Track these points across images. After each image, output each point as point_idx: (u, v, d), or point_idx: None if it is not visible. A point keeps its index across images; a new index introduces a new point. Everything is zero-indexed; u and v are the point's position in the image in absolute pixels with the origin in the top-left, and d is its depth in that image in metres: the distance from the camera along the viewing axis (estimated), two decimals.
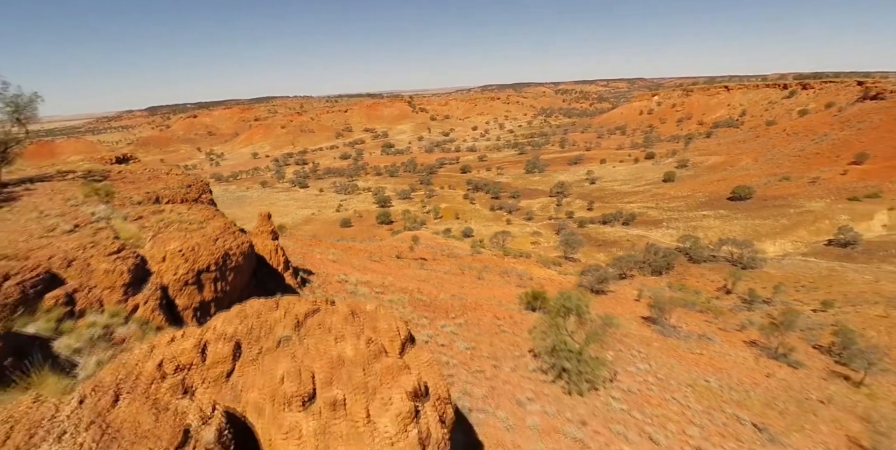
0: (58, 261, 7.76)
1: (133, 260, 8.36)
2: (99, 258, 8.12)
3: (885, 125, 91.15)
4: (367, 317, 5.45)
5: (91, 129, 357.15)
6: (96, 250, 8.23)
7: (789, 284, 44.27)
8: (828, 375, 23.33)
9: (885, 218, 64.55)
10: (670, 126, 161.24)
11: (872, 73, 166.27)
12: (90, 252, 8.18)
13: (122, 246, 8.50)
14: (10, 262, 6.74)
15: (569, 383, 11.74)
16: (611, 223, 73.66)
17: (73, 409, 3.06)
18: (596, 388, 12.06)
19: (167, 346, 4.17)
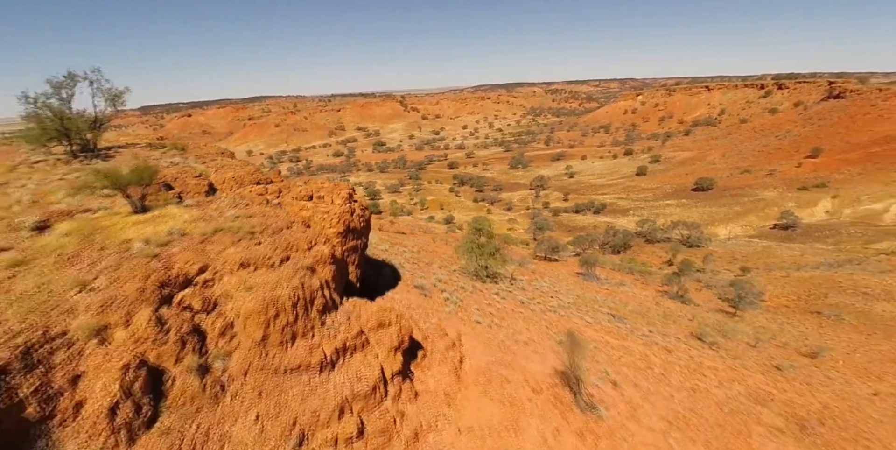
0: (170, 179, 14.30)
1: (207, 180, 14.91)
2: (189, 178, 14.61)
3: (841, 122, 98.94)
4: (335, 187, 12.10)
5: None
6: (187, 175, 14.70)
7: (725, 259, 51.39)
8: (711, 309, 30.33)
9: (828, 205, 71.93)
10: (652, 125, 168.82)
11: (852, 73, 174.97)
12: (184, 175, 14.67)
13: (200, 174, 15.03)
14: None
15: (477, 275, 18.41)
16: (583, 212, 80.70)
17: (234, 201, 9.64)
18: (496, 281, 18.74)
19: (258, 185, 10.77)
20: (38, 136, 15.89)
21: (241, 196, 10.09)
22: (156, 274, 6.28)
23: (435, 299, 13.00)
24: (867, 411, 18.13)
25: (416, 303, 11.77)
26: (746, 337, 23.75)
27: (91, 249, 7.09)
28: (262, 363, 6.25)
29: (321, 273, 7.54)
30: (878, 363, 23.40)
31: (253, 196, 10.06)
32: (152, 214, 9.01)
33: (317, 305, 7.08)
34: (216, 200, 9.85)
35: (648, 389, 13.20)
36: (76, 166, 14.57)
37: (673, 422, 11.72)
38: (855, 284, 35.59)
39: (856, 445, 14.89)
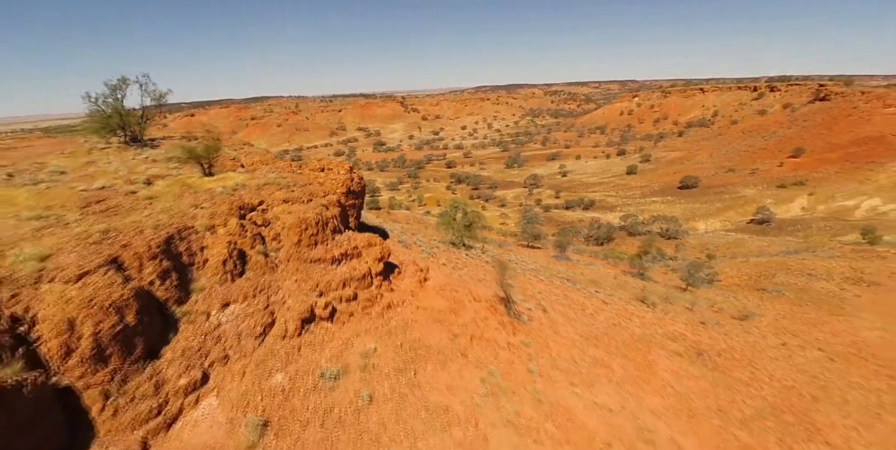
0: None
1: (239, 162, 19.39)
2: (226, 160, 19.09)
3: (824, 123, 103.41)
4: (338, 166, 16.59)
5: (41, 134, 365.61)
6: (224, 157, 19.18)
7: (697, 248, 55.78)
8: (667, 286, 34.70)
9: (804, 202, 76.30)
10: (647, 126, 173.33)
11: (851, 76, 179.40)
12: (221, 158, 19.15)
13: (234, 157, 19.52)
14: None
15: (454, 243, 22.88)
16: (573, 209, 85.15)
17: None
18: (469, 248, 23.19)
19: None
20: (100, 128, 20.36)
21: (275, 167, 14.50)
22: (236, 202, 10.75)
23: (413, 250, 17.42)
24: (767, 353, 22.58)
25: (397, 250, 16.18)
26: (686, 302, 28.15)
27: (189, 193, 11.53)
28: (297, 255, 10.71)
29: (332, 210, 11.98)
30: (800, 326, 27.79)
31: (283, 167, 14.47)
32: (218, 176, 13.44)
33: (329, 227, 11.53)
34: (258, 169, 14.26)
35: (574, 318, 17.57)
36: (137, 151, 19.06)
37: (586, 337, 16.06)
38: (803, 267, 40.02)
39: (742, 369, 19.33)
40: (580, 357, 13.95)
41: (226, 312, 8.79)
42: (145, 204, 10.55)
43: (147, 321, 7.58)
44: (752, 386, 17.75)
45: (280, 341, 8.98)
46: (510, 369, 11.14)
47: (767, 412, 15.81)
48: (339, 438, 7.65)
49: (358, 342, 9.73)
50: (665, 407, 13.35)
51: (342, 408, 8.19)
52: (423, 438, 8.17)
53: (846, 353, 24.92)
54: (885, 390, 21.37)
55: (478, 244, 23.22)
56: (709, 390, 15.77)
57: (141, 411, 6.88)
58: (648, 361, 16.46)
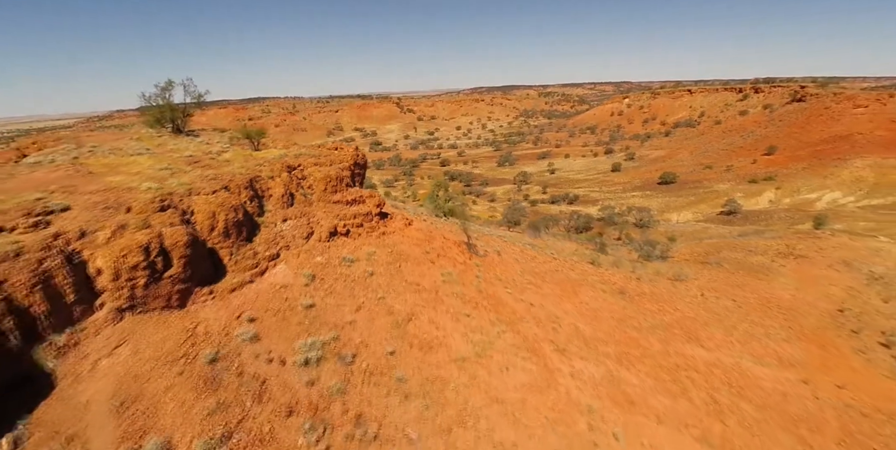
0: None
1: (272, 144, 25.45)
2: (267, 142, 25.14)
3: (798, 123, 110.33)
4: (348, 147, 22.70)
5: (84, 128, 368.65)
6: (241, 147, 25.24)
7: (665, 235, 62.00)
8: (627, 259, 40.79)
9: (771, 195, 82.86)
10: (636, 126, 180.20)
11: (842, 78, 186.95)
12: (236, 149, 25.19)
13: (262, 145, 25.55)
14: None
15: (435, 214, 28.95)
16: (558, 203, 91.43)
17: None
18: (449, 218, 29.26)
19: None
20: (154, 120, 26.36)
21: (303, 146, 20.56)
22: (284, 163, 16.86)
23: (400, 210, 23.54)
24: (684, 299, 28.79)
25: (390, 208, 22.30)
26: (630, 267, 34.33)
27: (251, 158, 17.57)
28: (324, 197, 16.81)
29: (345, 172, 18.08)
30: (724, 286, 34.07)
31: (309, 147, 20.53)
32: (264, 151, 19.49)
33: (344, 182, 17.65)
34: (290, 148, 20.33)
35: (522, 262, 23.63)
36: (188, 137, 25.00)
37: (528, 272, 22.12)
38: (746, 246, 46.46)
39: (653, 303, 25.51)
40: (518, 279, 20.06)
41: (285, 224, 14.88)
42: (225, 164, 16.59)
43: (246, 221, 13.66)
44: (657, 313, 23.92)
45: (317, 242, 15.07)
46: (463, 272, 17.25)
47: (660, 326, 21.98)
48: (353, 287, 13.75)
49: (364, 247, 15.83)
50: (576, 311, 19.49)
51: (356, 276, 14.29)
52: (402, 294, 14.28)
53: (754, 304, 31.22)
54: (775, 327, 27.83)
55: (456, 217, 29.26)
56: (617, 309, 21.94)
57: (247, 264, 12.95)
58: (575, 290, 22.61)
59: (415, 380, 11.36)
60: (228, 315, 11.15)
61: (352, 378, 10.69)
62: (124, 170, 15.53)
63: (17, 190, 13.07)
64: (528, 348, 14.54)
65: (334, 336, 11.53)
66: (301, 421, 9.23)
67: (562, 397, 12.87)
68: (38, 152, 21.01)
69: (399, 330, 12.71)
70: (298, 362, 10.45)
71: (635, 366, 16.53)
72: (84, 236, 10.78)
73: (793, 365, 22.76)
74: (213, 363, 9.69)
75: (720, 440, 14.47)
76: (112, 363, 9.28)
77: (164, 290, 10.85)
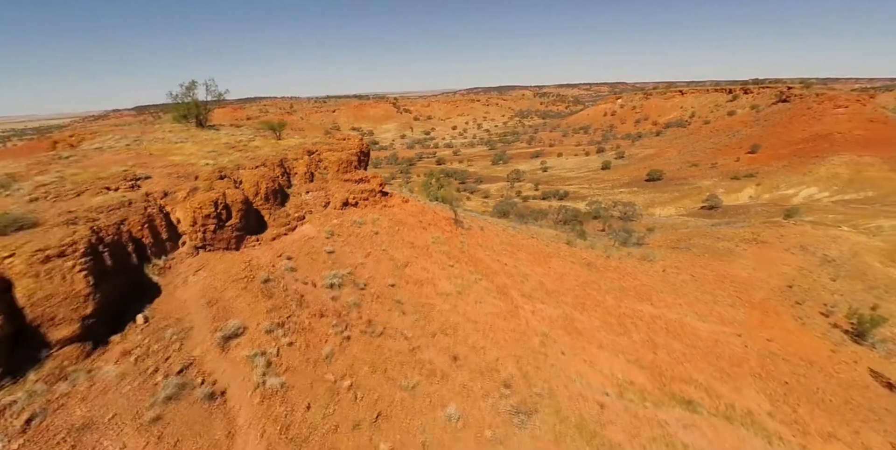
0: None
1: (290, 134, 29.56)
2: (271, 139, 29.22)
3: (781, 123, 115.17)
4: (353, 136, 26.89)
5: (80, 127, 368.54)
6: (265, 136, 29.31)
7: (645, 226, 66.38)
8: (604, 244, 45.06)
9: (751, 191, 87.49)
10: (629, 126, 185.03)
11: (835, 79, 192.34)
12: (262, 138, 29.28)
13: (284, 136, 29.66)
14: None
15: (428, 195, 33.10)
16: (548, 199, 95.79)
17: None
18: (441, 203, 33.42)
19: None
20: (182, 115, 30.28)
21: (315, 136, 24.69)
22: (304, 148, 21.03)
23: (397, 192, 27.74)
24: (646, 272, 33.02)
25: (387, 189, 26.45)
26: (604, 247, 38.57)
27: (277, 145, 21.67)
28: (337, 176, 20.99)
29: (353, 157, 22.24)
30: (688, 265, 38.33)
31: (320, 136, 24.65)
32: (286, 140, 23.62)
33: (353, 165, 21.82)
34: (306, 137, 24.44)
35: (502, 236, 27.78)
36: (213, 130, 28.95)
37: (507, 243, 26.27)
38: (715, 233, 50.91)
39: (616, 273, 29.70)
40: (496, 247, 24.26)
41: (308, 195, 19.02)
42: (257, 149, 20.70)
43: (279, 190, 17.80)
44: (617, 280, 28.16)
45: (333, 209, 19.22)
46: (449, 238, 21.43)
47: (617, 289, 26.22)
48: (362, 241, 17.91)
49: (370, 215, 20.00)
50: (543, 272, 23.69)
51: (364, 234, 18.45)
52: (400, 248, 18.44)
53: (711, 279, 35.53)
54: (724, 296, 32.11)
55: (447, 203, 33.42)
56: (581, 275, 26.15)
57: (282, 222, 17.08)
58: (546, 259, 26.82)
59: (409, 303, 15.52)
60: (272, 255, 15.28)
61: (364, 298, 14.84)
62: (178, 152, 19.62)
63: (103, 165, 17.16)
64: (499, 291, 18.72)
65: (350, 271, 15.68)
66: (329, 320, 13.37)
67: (522, 323, 17.05)
68: (92, 141, 24.97)
69: (398, 271, 16.87)
70: (325, 285, 14.59)
71: (588, 312, 20.75)
72: (167, 195, 14.89)
73: (731, 323, 27.04)
74: (267, 282, 13.81)
75: (649, 364, 18.67)
76: (197, 280, 13.39)
77: (225, 235, 14.97)
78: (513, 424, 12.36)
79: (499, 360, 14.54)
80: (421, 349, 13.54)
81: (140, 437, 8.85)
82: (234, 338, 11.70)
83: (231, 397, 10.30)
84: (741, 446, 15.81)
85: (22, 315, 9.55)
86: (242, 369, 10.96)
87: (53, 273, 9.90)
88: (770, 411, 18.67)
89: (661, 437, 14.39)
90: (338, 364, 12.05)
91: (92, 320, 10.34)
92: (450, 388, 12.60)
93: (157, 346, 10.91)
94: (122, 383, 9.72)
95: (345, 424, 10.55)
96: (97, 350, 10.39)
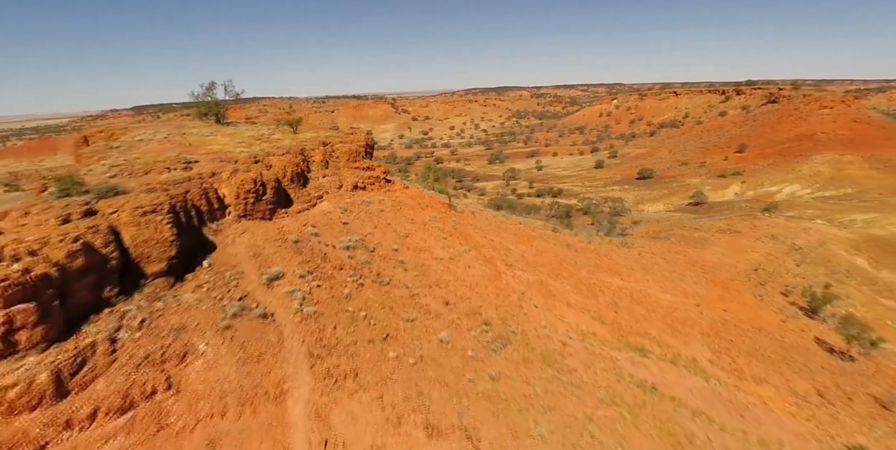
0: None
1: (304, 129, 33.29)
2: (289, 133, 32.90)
3: (770, 123, 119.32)
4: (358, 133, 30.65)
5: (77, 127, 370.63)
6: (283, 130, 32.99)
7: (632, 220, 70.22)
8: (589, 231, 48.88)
9: (737, 188, 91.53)
10: (623, 126, 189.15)
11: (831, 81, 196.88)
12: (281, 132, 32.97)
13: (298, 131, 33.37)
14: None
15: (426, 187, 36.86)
16: (543, 196, 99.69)
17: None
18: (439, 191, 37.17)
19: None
20: (203, 113, 33.90)
21: (326, 131, 28.42)
22: (319, 141, 24.81)
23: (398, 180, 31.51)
24: (621, 254, 36.76)
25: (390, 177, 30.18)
26: (586, 235, 42.34)
27: (294, 138, 25.37)
28: (347, 165, 24.75)
29: (360, 148, 26.00)
30: (663, 251, 42.10)
31: (330, 130, 28.38)
32: (302, 134, 27.35)
33: (360, 155, 25.59)
34: (319, 132, 28.17)
35: (492, 220, 31.55)
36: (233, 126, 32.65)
37: (495, 226, 30.02)
38: (694, 225, 54.82)
39: (592, 253, 33.44)
40: (485, 227, 28.02)
41: (324, 179, 22.76)
42: (278, 140, 24.42)
43: (301, 174, 21.55)
44: (593, 259, 31.92)
45: (345, 191, 22.96)
46: (443, 217, 25.19)
47: (591, 265, 29.98)
48: (371, 216, 21.67)
49: (376, 196, 23.75)
50: (526, 249, 27.46)
51: (372, 211, 22.19)
52: (402, 223, 22.21)
53: (682, 262, 39.34)
54: (691, 275, 35.98)
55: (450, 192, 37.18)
56: (560, 253, 29.92)
57: (305, 199, 20.83)
58: (529, 239, 30.59)
59: (410, 263, 19.26)
60: (299, 224, 19.02)
61: (373, 258, 18.59)
62: (212, 143, 23.33)
63: (155, 152, 20.88)
64: (485, 260, 22.48)
65: (361, 238, 19.43)
66: (347, 272, 17.11)
67: (503, 284, 20.81)
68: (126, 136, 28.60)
69: (401, 239, 20.62)
70: (342, 247, 18.34)
71: (561, 280, 24.52)
72: (214, 175, 18.61)
73: (692, 296, 30.82)
74: (297, 243, 17.54)
75: (610, 321, 22.44)
76: (242, 240, 17.11)
77: (262, 207, 18.69)
78: (490, 349, 16.10)
79: (482, 307, 18.29)
80: (419, 296, 17.28)
81: (218, 337, 12.55)
82: (276, 280, 15.42)
83: (278, 318, 14.02)
84: (680, 381, 19.56)
85: (127, 254, 13.26)
86: (284, 300, 14.68)
87: (149, 224, 13.63)
88: (711, 359, 22.43)
89: (611, 368, 18.14)
90: (355, 301, 15.78)
91: (174, 261, 14.05)
92: (442, 322, 16.35)
93: (221, 282, 14.62)
94: (200, 304, 13.44)
95: (362, 339, 14.27)
96: (178, 283, 14.10)
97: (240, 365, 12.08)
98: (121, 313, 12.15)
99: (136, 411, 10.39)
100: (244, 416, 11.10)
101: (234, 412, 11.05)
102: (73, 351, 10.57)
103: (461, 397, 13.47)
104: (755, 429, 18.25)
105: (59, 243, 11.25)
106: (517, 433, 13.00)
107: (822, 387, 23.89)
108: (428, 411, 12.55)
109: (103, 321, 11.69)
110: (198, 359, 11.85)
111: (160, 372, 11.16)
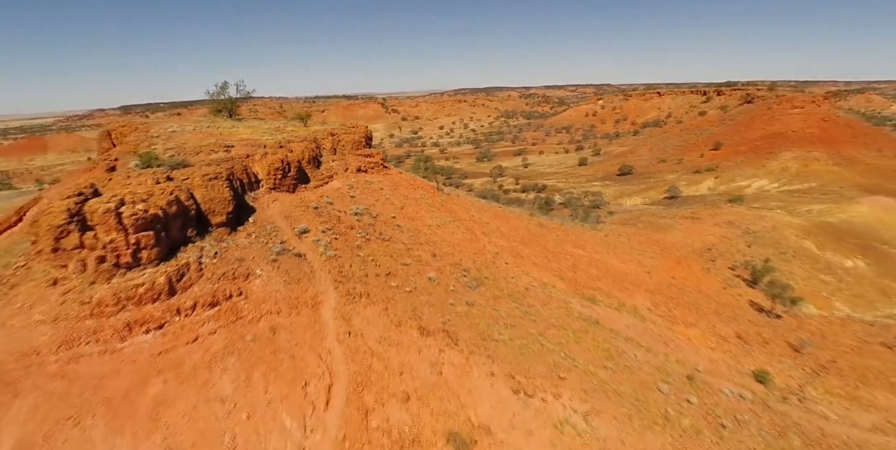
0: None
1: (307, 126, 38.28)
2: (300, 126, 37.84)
3: (744, 122, 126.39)
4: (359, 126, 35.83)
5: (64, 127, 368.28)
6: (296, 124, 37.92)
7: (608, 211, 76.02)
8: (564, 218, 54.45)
9: (710, 183, 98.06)
10: (608, 126, 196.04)
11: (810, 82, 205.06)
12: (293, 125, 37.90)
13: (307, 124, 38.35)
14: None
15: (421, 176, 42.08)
16: (528, 192, 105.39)
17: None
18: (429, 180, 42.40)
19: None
20: (218, 109, 38.72)
21: (332, 124, 33.49)
22: (327, 132, 29.95)
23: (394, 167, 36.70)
24: (591, 235, 42.25)
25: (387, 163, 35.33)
26: (560, 220, 47.80)
27: (306, 130, 30.41)
28: (352, 152, 29.91)
29: (361, 138, 31.16)
30: (629, 234, 47.68)
31: (336, 124, 33.46)
32: (311, 127, 32.36)
33: (362, 144, 30.76)
34: (325, 125, 33.24)
35: (473, 202, 36.80)
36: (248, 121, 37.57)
37: (478, 207, 35.27)
38: (661, 213, 60.74)
39: (563, 233, 38.88)
40: (468, 206, 33.29)
41: (333, 163, 27.88)
42: (293, 132, 29.42)
43: (315, 158, 26.66)
44: (561, 235, 37.34)
45: (351, 173, 28.09)
46: (432, 197, 30.42)
47: (559, 239, 35.39)
48: (373, 193, 26.86)
49: (377, 178, 28.91)
50: (502, 224, 32.77)
51: (373, 189, 27.36)
52: (398, 198, 27.43)
53: (643, 242, 44.99)
54: (647, 251, 41.51)
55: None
56: (532, 229, 35.29)
57: (319, 178, 25.96)
58: (507, 218, 35.94)
59: (405, 227, 24.45)
60: (317, 196, 24.12)
61: (376, 222, 23.75)
62: (238, 133, 28.29)
63: (195, 139, 25.82)
64: (466, 228, 27.75)
65: (366, 207, 24.58)
66: (356, 230, 22.26)
67: (480, 246, 26.09)
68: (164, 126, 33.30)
69: (397, 210, 25.80)
70: (352, 213, 23.49)
71: (531, 247, 29.86)
72: (248, 157, 23.62)
73: (646, 267, 36.38)
74: (316, 209, 22.63)
75: (569, 278, 27.80)
76: (274, 206, 22.16)
77: (287, 182, 23.75)
78: (468, 287, 21.35)
79: (462, 260, 23.57)
80: (413, 249, 22.50)
81: (269, 266, 17.64)
82: (305, 233, 20.52)
83: (308, 257, 19.12)
84: (620, 319, 24.97)
85: (199, 208, 18.27)
86: (312, 246, 19.78)
87: (213, 186, 18.67)
88: (650, 308, 27.93)
89: (563, 307, 23.48)
90: (364, 250, 20.94)
91: (231, 215, 19.10)
92: (430, 267, 21.57)
93: (264, 233, 19.70)
94: (252, 246, 18.52)
95: (371, 274, 19.44)
96: (233, 232, 19.14)
97: (286, 284, 17.17)
98: (200, 248, 17.18)
99: (221, 306, 15.46)
100: (292, 315, 16.20)
101: (286, 312, 16.15)
102: (176, 266, 15.62)
103: (445, 313, 18.69)
104: (675, 354, 23.70)
105: (161, 195, 16.26)
106: (485, 337, 18.25)
107: (744, 333, 29.52)
108: (420, 319, 17.75)
109: (190, 251, 16.74)
110: (257, 278, 16.93)
111: (233, 284, 16.22)
